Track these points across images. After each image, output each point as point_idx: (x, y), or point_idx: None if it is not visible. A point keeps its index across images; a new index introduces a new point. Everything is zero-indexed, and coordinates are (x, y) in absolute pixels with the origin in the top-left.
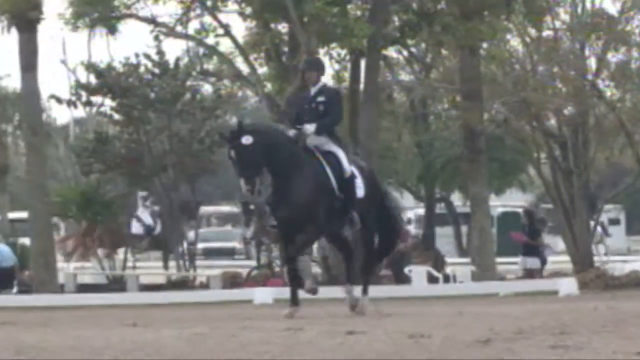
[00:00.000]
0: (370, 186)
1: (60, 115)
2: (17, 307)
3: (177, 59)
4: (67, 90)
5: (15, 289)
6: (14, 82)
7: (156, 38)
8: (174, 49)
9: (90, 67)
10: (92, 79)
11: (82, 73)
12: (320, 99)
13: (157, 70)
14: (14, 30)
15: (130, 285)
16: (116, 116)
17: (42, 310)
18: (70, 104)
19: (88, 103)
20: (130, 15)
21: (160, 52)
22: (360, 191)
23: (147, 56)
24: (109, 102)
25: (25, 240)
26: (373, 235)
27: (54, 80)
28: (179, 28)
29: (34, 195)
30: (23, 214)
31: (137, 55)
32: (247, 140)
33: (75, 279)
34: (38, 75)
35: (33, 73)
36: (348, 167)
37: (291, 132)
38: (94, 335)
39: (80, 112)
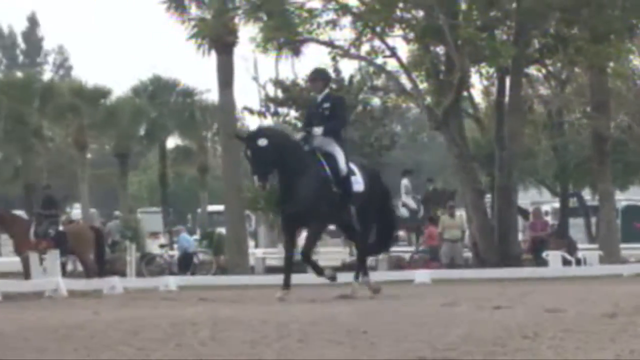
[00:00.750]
0: (371, 184)
1: (252, 124)
2: (215, 286)
3: (351, 76)
4: (258, 102)
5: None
6: (213, 96)
7: (333, 58)
8: (348, 68)
9: (278, 83)
10: (279, 93)
11: (271, 88)
12: (326, 105)
13: (333, 86)
14: (213, 52)
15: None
16: (299, 125)
17: (235, 289)
18: (261, 114)
19: (275, 113)
20: (311, 40)
21: (337, 70)
22: (358, 187)
23: None
24: (293, 113)
25: (221, 230)
26: (368, 227)
27: (246, 94)
28: (352, 50)
29: (229, 191)
30: (220, 207)
31: None
32: (262, 142)
33: (264, 262)
34: (233, 90)
35: (229, 88)
36: (344, 166)
37: (299, 135)
38: (280, 310)
39: (269, 121)
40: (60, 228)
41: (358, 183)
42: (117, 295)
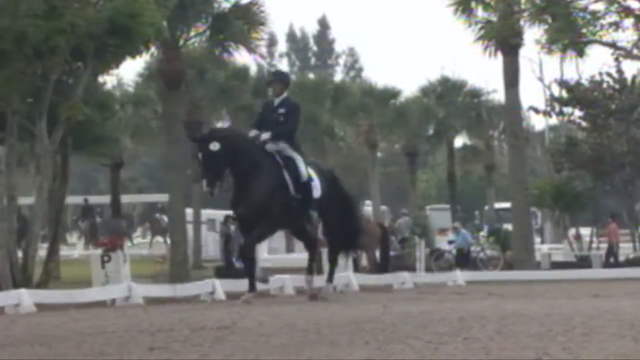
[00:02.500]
0: (330, 188)
1: (537, 122)
2: (502, 281)
3: (634, 77)
4: (543, 102)
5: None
6: (499, 96)
7: (616, 59)
8: (631, 69)
9: (562, 83)
10: (564, 94)
11: (555, 88)
12: (282, 110)
13: (617, 86)
14: (499, 54)
15: (595, 263)
16: (583, 124)
17: (521, 284)
18: (546, 113)
19: (560, 113)
20: (595, 41)
21: (620, 71)
22: (316, 192)
23: (609, 74)
24: (577, 113)
25: (508, 226)
26: (333, 229)
27: (531, 94)
28: (635, 51)
29: (515, 188)
30: (506, 204)
31: (600, 74)
32: (214, 146)
33: (550, 258)
34: (519, 90)
35: (515, 88)
36: (304, 171)
37: (251, 133)
38: (564, 304)
39: (554, 120)
40: None
41: (316, 189)
42: (407, 290)
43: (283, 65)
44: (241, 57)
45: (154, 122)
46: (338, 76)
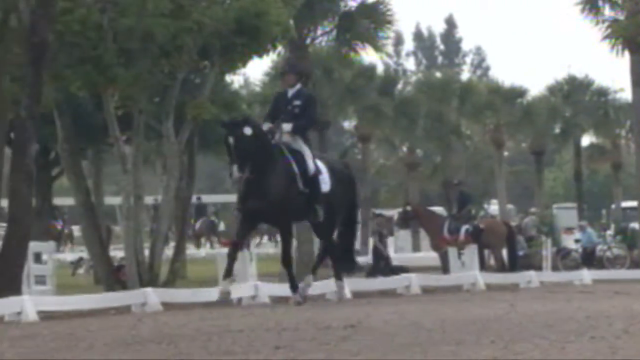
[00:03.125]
0: (339, 183)
1: None
2: (629, 280)
3: None
4: None
5: None
6: (626, 95)
7: None
8: None
9: None
10: None
11: None
12: (297, 102)
13: None
14: (626, 52)
15: None
16: None
17: None
18: None
19: None
20: None
21: None
22: (325, 186)
23: None
24: None
25: (635, 225)
26: (332, 226)
27: None
28: None
29: None
30: (633, 203)
31: None
32: (247, 131)
33: None
34: None
35: None
36: (312, 165)
37: (265, 126)
38: None
39: None
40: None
41: (325, 183)
42: (533, 289)
43: (410, 64)
44: (368, 56)
45: None
46: (465, 75)
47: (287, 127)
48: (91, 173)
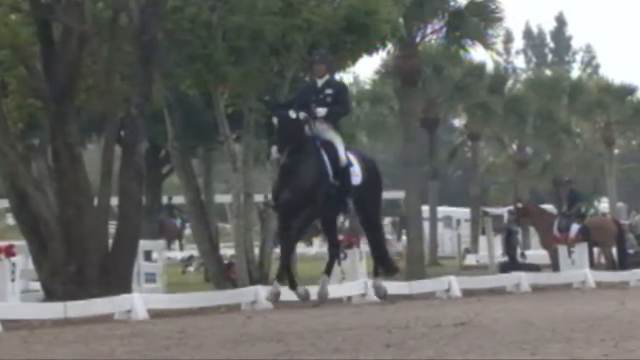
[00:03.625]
0: (370, 176)
1: None
2: None
3: None
4: None
5: None
6: None
7: None
8: None
9: None
10: None
11: None
12: (328, 91)
13: None
14: None
15: None
16: None
17: None
18: None
19: None
20: None
21: None
22: (356, 179)
23: None
24: None
25: None
26: (371, 220)
27: None
28: None
29: None
30: None
31: None
32: (293, 114)
33: None
34: None
35: None
36: (344, 156)
37: (293, 114)
38: None
39: None
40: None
41: (356, 175)
42: None
43: (519, 62)
44: (477, 53)
45: (390, 119)
46: (575, 73)
47: (321, 111)
48: (201, 171)
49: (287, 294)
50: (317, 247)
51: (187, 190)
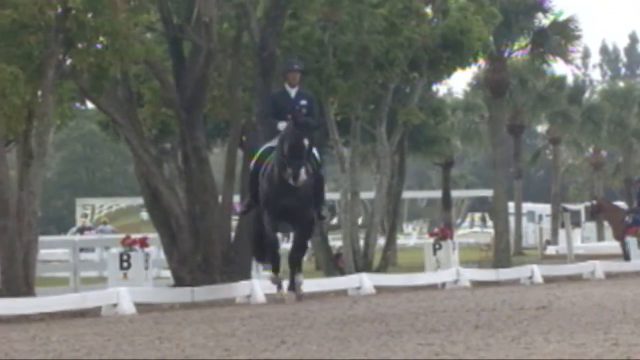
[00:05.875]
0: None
1: None
2: None
3: None
4: None
5: None
6: None
7: None
8: None
9: None
10: None
11: None
12: (303, 102)
13: None
14: None
15: None
16: None
17: None
18: None
19: None
20: None
21: None
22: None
23: None
24: None
25: None
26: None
27: None
28: None
29: None
30: None
31: None
32: (314, 134)
33: None
34: None
35: None
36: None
37: (281, 125)
38: None
39: None
40: None
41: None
42: None
43: (596, 75)
44: (559, 68)
45: (482, 126)
46: None
47: (314, 122)
48: None
49: (386, 279)
50: (416, 238)
51: None
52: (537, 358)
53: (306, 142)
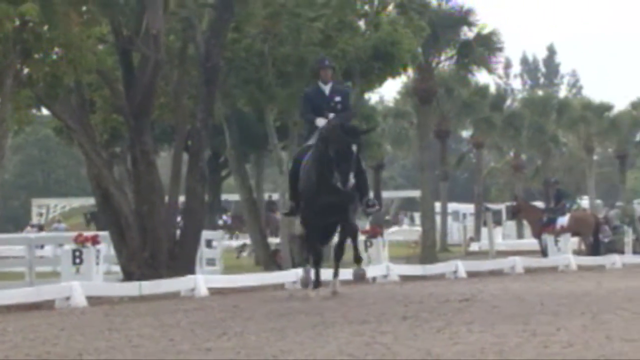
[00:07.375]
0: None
1: None
2: None
3: None
4: None
5: None
6: None
7: None
8: None
9: None
10: None
11: None
12: (337, 98)
13: None
14: None
15: None
16: None
17: None
18: None
19: None
20: None
21: None
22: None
23: None
24: None
25: None
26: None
27: None
28: None
29: None
30: None
31: None
32: (362, 139)
33: None
34: None
35: None
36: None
37: (320, 122)
38: None
39: None
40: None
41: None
42: (617, 269)
43: (516, 84)
44: (482, 77)
45: (410, 131)
46: (562, 93)
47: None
48: (253, 174)
49: (321, 273)
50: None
51: (242, 189)
52: (460, 347)
53: (354, 147)
